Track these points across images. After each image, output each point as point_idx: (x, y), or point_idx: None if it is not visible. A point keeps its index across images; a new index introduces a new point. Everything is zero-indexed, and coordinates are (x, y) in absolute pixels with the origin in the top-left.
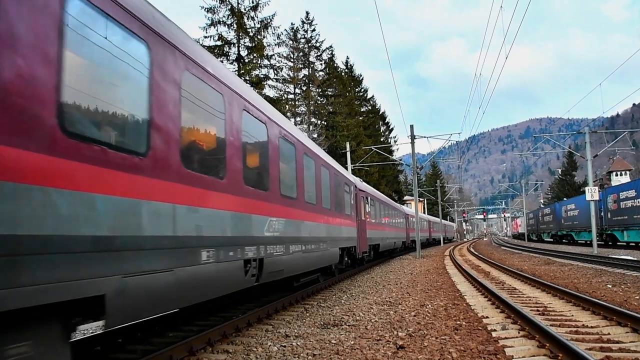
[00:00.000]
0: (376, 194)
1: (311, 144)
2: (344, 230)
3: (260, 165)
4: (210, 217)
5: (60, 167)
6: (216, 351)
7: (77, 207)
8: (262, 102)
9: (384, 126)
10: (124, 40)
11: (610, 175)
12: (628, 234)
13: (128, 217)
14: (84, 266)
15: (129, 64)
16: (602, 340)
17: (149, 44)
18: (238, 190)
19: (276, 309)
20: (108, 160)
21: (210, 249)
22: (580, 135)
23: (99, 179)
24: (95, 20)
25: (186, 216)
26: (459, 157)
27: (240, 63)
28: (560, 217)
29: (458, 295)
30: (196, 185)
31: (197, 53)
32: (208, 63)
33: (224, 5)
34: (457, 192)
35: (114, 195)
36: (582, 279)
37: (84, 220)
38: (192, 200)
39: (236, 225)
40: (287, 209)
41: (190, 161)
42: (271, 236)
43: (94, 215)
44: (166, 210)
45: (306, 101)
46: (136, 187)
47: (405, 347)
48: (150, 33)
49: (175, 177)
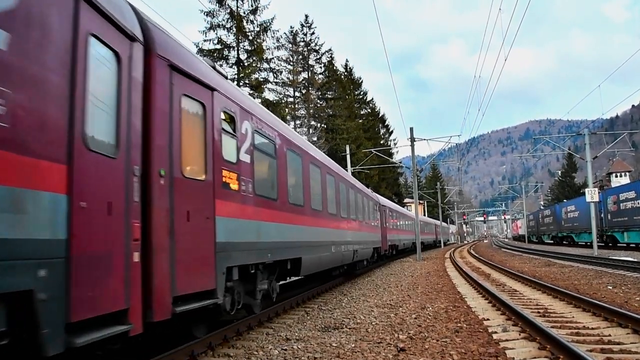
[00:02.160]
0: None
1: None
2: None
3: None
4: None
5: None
6: (217, 355)
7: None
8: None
9: (384, 129)
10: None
11: (610, 176)
12: (628, 235)
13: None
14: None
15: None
16: (603, 342)
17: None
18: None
19: (277, 313)
20: (288, 207)
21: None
22: (580, 137)
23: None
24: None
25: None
26: (458, 159)
27: (240, 66)
28: (561, 218)
29: (459, 297)
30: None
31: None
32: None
33: (223, 8)
34: (457, 194)
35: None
36: (582, 280)
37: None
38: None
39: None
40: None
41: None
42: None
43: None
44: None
45: (306, 104)
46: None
47: (406, 349)
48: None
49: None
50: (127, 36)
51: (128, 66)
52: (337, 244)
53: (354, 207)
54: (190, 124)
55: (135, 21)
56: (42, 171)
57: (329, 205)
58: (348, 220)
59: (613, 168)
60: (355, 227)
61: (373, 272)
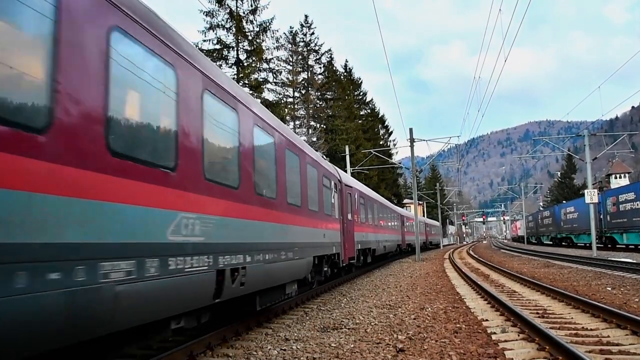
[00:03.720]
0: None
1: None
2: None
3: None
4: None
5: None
6: (216, 355)
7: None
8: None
9: (383, 129)
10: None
11: (609, 177)
12: (627, 236)
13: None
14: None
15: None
16: (602, 343)
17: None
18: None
19: (276, 313)
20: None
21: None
22: (580, 138)
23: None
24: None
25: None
26: (458, 160)
27: (239, 67)
28: (560, 219)
29: (458, 298)
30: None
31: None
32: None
33: (222, 8)
34: (457, 195)
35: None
36: (581, 281)
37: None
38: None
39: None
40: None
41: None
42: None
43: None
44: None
45: (305, 105)
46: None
47: (405, 350)
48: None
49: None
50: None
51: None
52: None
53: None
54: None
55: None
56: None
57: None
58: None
59: (612, 169)
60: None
61: (372, 272)
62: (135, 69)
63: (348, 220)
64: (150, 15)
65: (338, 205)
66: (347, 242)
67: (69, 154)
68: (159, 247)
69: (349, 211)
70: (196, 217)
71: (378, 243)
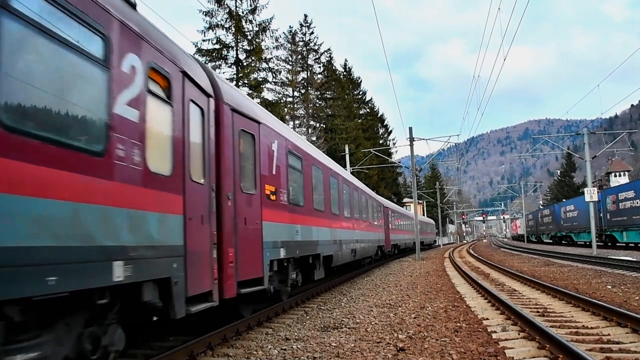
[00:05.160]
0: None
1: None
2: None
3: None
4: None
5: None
6: (217, 355)
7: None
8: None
9: (383, 128)
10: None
11: (609, 176)
12: (627, 234)
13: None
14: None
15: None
16: (602, 341)
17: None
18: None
19: (276, 312)
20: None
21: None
22: (579, 137)
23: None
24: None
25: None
26: (457, 159)
27: (239, 66)
28: (560, 218)
29: (458, 297)
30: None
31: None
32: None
33: (222, 8)
34: (456, 194)
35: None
36: (581, 280)
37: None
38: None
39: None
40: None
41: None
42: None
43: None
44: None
45: (305, 104)
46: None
47: (406, 349)
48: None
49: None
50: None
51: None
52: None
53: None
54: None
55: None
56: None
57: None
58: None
59: (612, 167)
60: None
61: (372, 271)
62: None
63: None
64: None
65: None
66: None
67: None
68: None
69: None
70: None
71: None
